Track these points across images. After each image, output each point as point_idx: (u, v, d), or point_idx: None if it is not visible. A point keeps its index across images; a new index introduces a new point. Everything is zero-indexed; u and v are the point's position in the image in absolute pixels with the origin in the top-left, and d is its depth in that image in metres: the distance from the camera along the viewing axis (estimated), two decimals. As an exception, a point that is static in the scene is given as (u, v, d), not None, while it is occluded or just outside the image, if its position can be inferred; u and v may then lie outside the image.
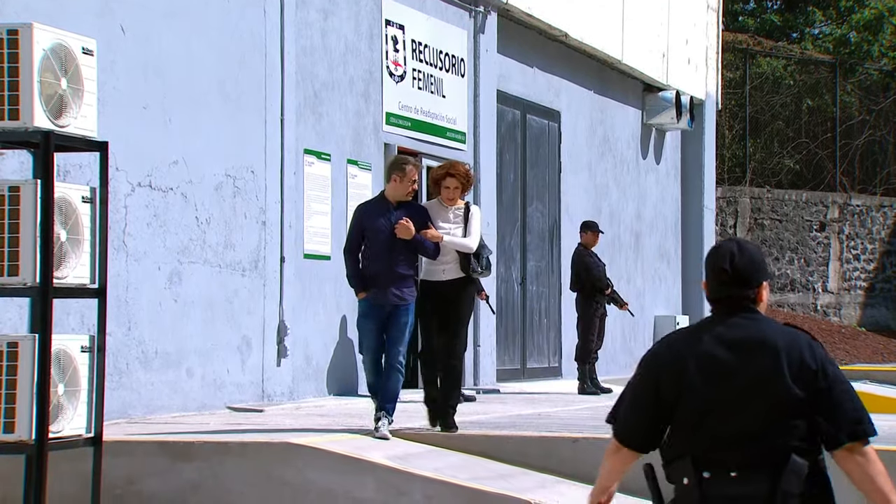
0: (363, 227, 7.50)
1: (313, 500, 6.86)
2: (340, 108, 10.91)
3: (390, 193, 7.56)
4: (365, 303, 7.50)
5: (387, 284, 7.41)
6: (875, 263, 22.82)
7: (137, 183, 8.72)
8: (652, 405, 3.23)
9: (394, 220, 7.43)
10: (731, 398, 3.14)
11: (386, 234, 7.41)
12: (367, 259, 7.50)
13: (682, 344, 3.27)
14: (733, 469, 3.12)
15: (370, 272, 7.47)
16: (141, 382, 8.66)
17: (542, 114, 14.28)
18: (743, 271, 3.26)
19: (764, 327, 3.23)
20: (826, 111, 23.51)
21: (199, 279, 9.22)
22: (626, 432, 3.31)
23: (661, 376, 3.23)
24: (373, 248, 7.46)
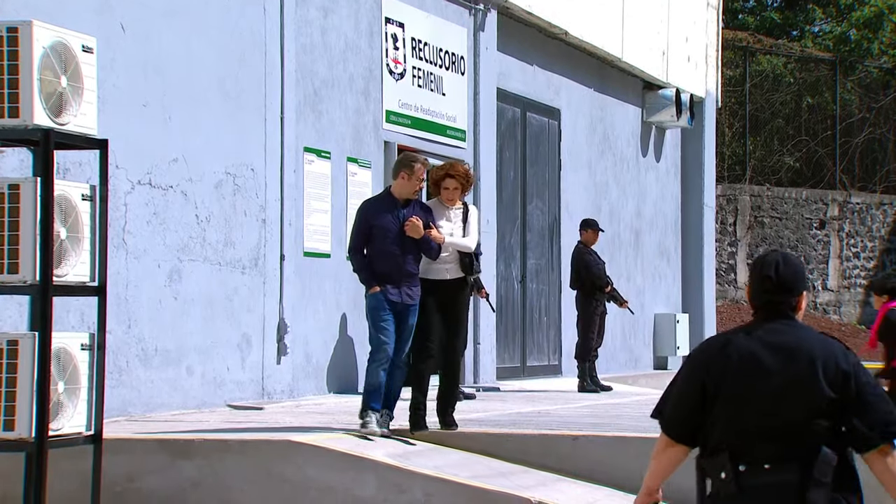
0: (370, 225, 7.38)
1: (313, 497, 6.87)
2: (340, 106, 10.90)
3: (397, 191, 7.46)
4: (379, 296, 7.34)
5: (398, 282, 7.32)
6: (875, 261, 22.82)
7: (137, 181, 8.72)
8: (698, 400, 3.47)
9: (402, 217, 7.34)
10: (769, 397, 3.39)
11: (395, 233, 7.31)
12: (373, 257, 7.38)
13: (726, 345, 3.52)
14: (767, 462, 3.36)
15: (379, 270, 7.35)
16: (141, 380, 8.66)
17: (542, 112, 14.28)
18: (786, 280, 3.50)
19: (801, 333, 3.50)
20: (826, 109, 23.51)
21: (199, 277, 9.22)
22: (676, 426, 3.54)
23: (705, 374, 3.48)
24: (380, 245, 7.35)
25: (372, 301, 7.37)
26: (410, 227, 7.31)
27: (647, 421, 7.90)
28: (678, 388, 3.55)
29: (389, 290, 7.31)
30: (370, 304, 7.39)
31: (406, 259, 7.34)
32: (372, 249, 7.38)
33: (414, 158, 7.55)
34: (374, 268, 7.36)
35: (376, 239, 7.35)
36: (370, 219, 7.38)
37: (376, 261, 7.36)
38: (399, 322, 7.35)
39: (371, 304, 7.39)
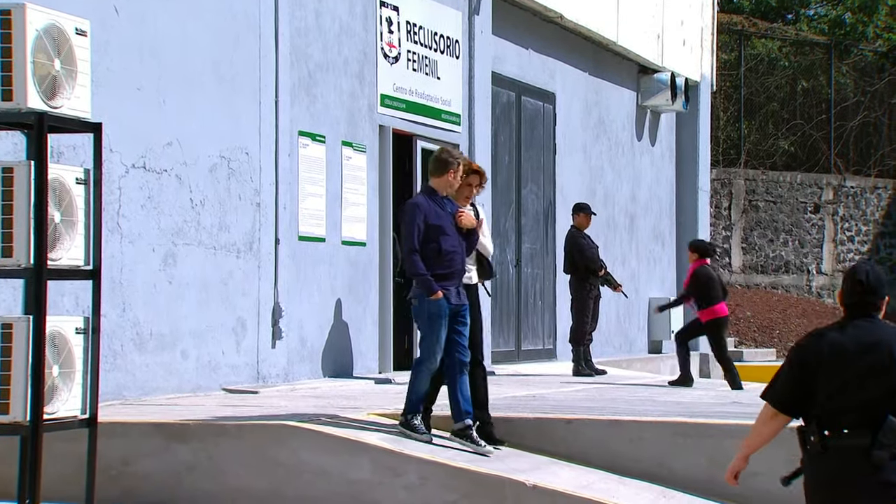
0: (427, 224, 6.95)
1: (308, 481, 6.88)
2: (335, 90, 10.88)
3: (441, 187, 7.08)
4: (442, 303, 6.92)
5: (457, 282, 7.00)
6: (869, 245, 22.86)
7: (132, 164, 8.70)
8: (798, 381, 4.49)
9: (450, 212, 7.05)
10: (853, 380, 4.39)
11: (453, 230, 6.98)
12: (432, 258, 6.95)
13: (822, 337, 4.51)
14: (846, 428, 4.39)
15: (440, 272, 6.94)
16: (136, 364, 8.66)
17: (536, 95, 14.26)
18: (873, 285, 4.48)
19: (882, 329, 4.47)
20: (821, 93, 23.51)
21: (194, 261, 9.22)
22: (781, 401, 4.55)
23: (805, 360, 4.49)
24: (440, 245, 6.93)
25: (434, 307, 6.92)
26: (465, 217, 7.00)
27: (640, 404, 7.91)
28: (784, 373, 4.55)
29: (451, 293, 6.97)
30: (431, 311, 6.92)
31: (464, 257, 7.04)
32: (429, 250, 6.94)
33: (458, 155, 7.17)
34: (435, 270, 6.93)
35: (434, 238, 6.94)
36: (428, 217, 6.97)
37: (437, 262, 6.94)
38: (459, 325, 6.97)
39: (433, 310, 6.92)
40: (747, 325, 20.13)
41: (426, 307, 6.93)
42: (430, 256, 6.93)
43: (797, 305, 21.34)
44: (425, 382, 7.03)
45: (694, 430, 7.19)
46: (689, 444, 7.17)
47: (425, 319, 6.97)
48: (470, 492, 6.66)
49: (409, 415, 7.05)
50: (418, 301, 6.99)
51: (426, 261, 6.93)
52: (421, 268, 6.93)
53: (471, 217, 7.06)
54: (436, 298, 6.89)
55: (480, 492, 6.64)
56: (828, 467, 4.44)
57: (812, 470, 4.50)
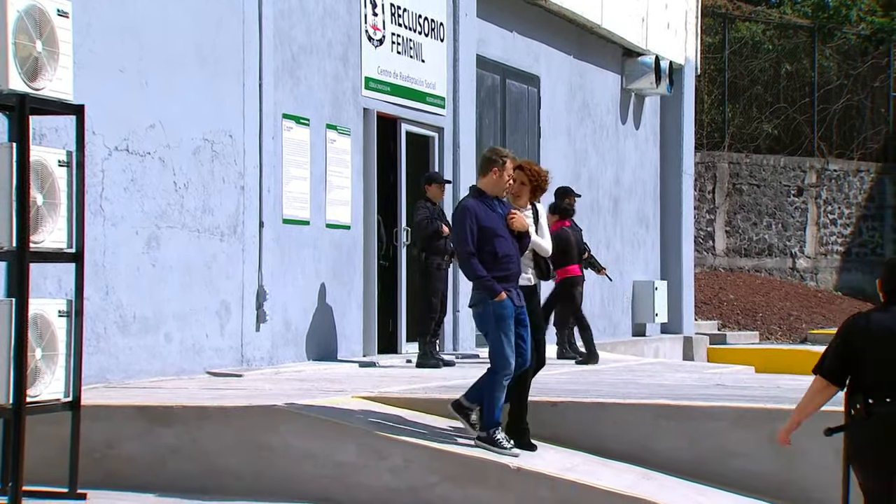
0: (480, 227, 6.78)
1: (293, 463, 6.88)
2: (319, 73, 10.84)
3: (489, 188, 6.93)
4: (507, 303, 6.76)
5: (515, 284, 6.85)
6: (851, 228, 22.95)
7: (114, 147, 8.66)
8: (845, 356, 5.20)
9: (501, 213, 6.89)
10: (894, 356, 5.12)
11: (506, 232, 6.83)
12: (489, 261, 6.78)
13: (868, 318, 5.24)
14: (889, 397, 5.11)
15: (500, 274, 6.77)
16: (119, 347, 8.64)
17: (521, 79, 14.24)
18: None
19: None
20: (804, 76, 23.55)
21: (178, 244, 9.19)
22: (831, 373, 5.27)
23: (852, 338, 5.21)
24: (495, 247, 6.78)
25: (499, 309, 6.73)
26: (517, 220, 6.85)
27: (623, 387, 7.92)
28: (832, 349, 5.27)
29: (514, 294, 6.81)
30: (497, 312, 6.73)
31: (518, 258, 6.88)
32: (485, 253, 6.78)
33: (505, 154, 6.98)
34: (493, 272, 6.76)
35: (491, 240, 6.78)
36: (481, 219, 6.79)
37: (493, 265, 6.77)
38: (520, 326, 6.82)
39: (499, 312, 6.73)
40: (731, 308, 20.20)
41: (491, 310, 6.73)
42: (486, 260, 6.76)
43: (780, 288, 21.43)
44: (503, 392, 6.77)
45: (677, 413, 7.23)
46: (671, 426, 7.20)
47: (492, 323, 6.74)
48: (454, 474, 6.68)
49: (490, 428, 6.76)
50: (482, 306, 6.79)
51: (483, 264, 6.76)
52: (481, 270, 6.74)
53: (522, 219, 6.88)
54: (500, 300, 6.71)
55: (465, 474, 6.66)
56: (872, 431, 5.15)
57: (857, 433, 5.21)
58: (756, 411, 7.23)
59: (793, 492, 6.98)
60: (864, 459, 5.25)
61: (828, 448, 6.97)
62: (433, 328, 10.72)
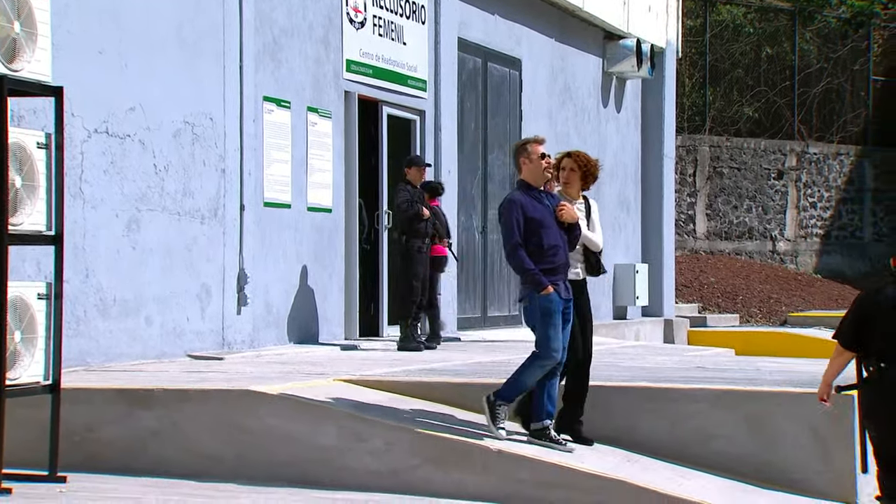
0: (526, 219, 6.68)
1: (274, 446, 6.88)
2: (300, 55, 10.80)
3: (530, 177, 6.82)
4: (554, 297, 6.67)
5: (564, 276, 6.73)
6: (831, 211, 23.05)
7: (94, 129, 8.61)
8: (859, 326, 5.94)
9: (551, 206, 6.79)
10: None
11: (552, 224, 6.73)
12: (536, 253, 6.69)
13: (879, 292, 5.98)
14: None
15: (547, 266, 6.68)
16: (99, 330, 8.61)
17: (503, 62, 14.22)
18: None
19: None
20: (785, 59, 23.60)
21: (158, 227, 9.16)
22: (846, 340, 6.00)
23: (865, 310, 5.96)
24: (543, 239, 6.69)
25: (546, 303, 6.64)
26: (566, 211, 6.74)
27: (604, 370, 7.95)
28: (848, 318, 6.01)
29: (562, 287, 6.71)
30: (544, 306, 6.64)
31: (566, 251, 6.79)
32: (532, 245, 6.69)
33: (524, 141, 6.91)
34: (541, 265, 6.67)
35: (537, 232, 6.68)
36: (526, 211, 6.70)
37: (540, 257, 6.67)
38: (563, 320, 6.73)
39: (546, 305, 6.64)
40: (711, 291, 20.28)
41: (538, 304, 6.65)
42: (533, 252, 6.67)
43: (760, 271, 21.51)
44: (533, 379, 6.69)
45: (658, 395, 7.25)
46: (652, 408, 7.23)
47: (539, 317, 6.66)
48: (435, 457, 6.69)
49: (498, 399, 6.73)
50: (529, 300, 6.70)
51: (530, 257, 6.68)
52: (528, 263, 6.66)
53: (571, 211, 6.76)
54: (547, 293, 6.62)
55: (446, 456, 6.67)
56: (884, 390, 5.87)
57: (870, 392, 5.94)
58: (736, 393, 7.27)
59: (772, 472, 7.03)
60: (876, 416, 5.95)
61: (805, 429, 7.02)
62: (414, 311, 10.72)
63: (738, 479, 6.97)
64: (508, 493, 6.50)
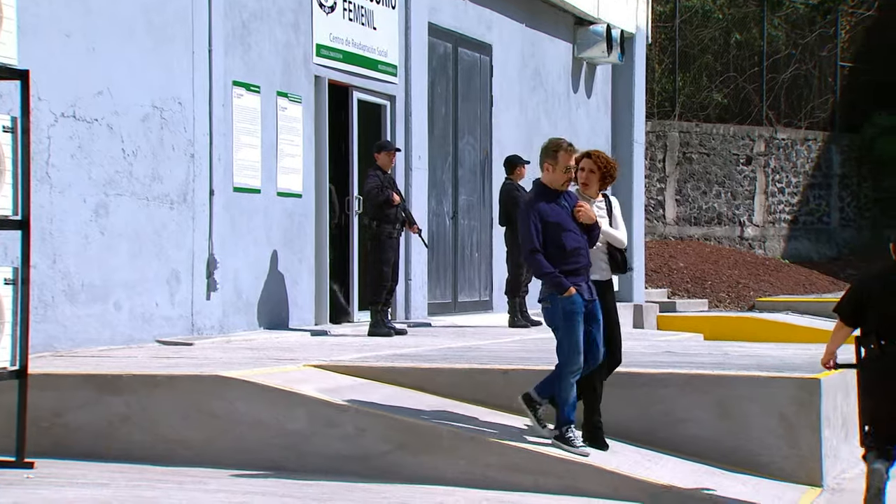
0: (545, 222, 6.61)
1: (243, 432, 6.87)
2: (269, 39, 10.75)
3: (549, 182, 6.73)
4: (576, 299, 6.58)
5: (586, 278, 6.67)
6: (799, 197, 23.21)
7: (61, 113, 8.54)
8: (857, 304, 6.26)
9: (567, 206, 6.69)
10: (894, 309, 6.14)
11: (573, 226, 6.65)
12: (556, 255, 6.62)
13: (875, 274, 6.36)
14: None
15: (568, 268, 6.60)
16: (67, 315, 8.56)
17: (473, 47, 14.21)
18: None
19: None
20: (753, 45, 23.70)
21: (126, 212, 9.10)
22: (845, 317, 6.31)
23: (862, 290, 6.28)
24: (563, 240, 6.61)
25: (568, 305, 6.56)
26: (583, 213, 6.67)
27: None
28: (847, 296, 6.33)
29: (584, 289, 6.63)
30: (566, 309, 6.56)
31: (587, 252, 6.70)
32: (552, 248, 6.61)
33: (557, 145, 6.75)
34: (561, 267, 6.59)
35: (557, 235, 6.61)
36: (544, 214, 6.63)
37: (564, 259, 6.61)
38: (592, 322, 6.64)
39: (567, 308, 6.56)
40: (680, 276, 20.38)
41: (560, 306, 6.57)
42: (554, 255, 6.60)
43: (729, 256, 21.64)
44: (573, 388, 6.61)
45: (627, 380, 7.29)
46: (622, 393, 7.26)
47: (561, 320, 6.59)
48: (406, 441, 6.70)
49: (563, 426, 6.60)
50: (550, 302, 6.62)
51: (551, 260, 6.60)
52: (547, 266, 6.59)
53: (589, 212, 6.69)
54: (569, 295, 6.54)
55: (417, 442, 6.69)
56: (883, 366, 6.16)
57: (870, 368, 6.22)
58: (704, 377, 7.31)
59: (739, 456, 7.08)
60: (873, 391, 6.23)
61: (773, 413, 7.08)
62: (385, 297, 10.72)
63: (705, 463, 7.02)
64: (478, 478, 6.52)
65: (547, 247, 6.62)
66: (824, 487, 7.02)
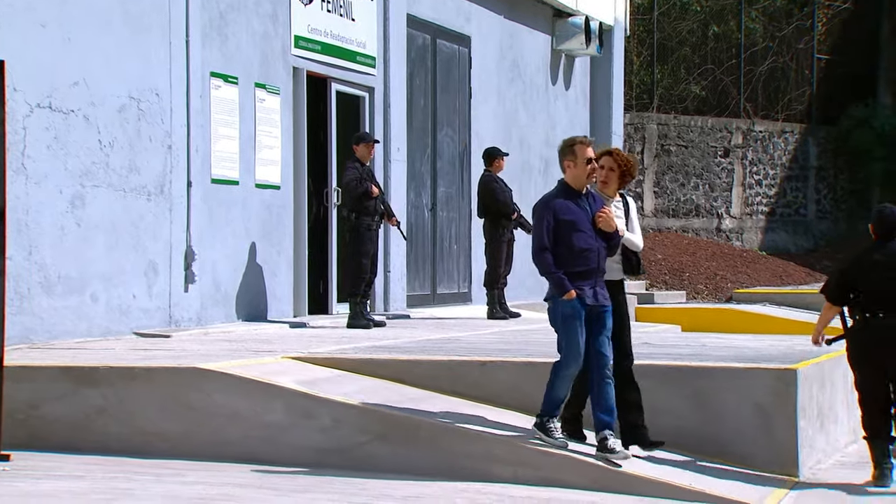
0: (557, 221, 6.51)
1: (221, 424, 6.86)
2: (247, 31, 10.71)
3: (571, 181, 6.62)
4: (575, 303, 6.49)
5: (593, 282, 6.56)
6: (776, 189, 23.31)
7: (37, 104, 8.49)
8: (843, 285, 7.04)
9: (588, 208, 6.58)
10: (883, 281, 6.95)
11: (587, 226, 6.54)
12: (564, 256, 6.54)
13: (861, 255, 7.10)
14: (881, 312, 6.95)
15: (573, 270, 6.51)
16: (43, 307, 8.52)
17: (452, 39, 14.20)
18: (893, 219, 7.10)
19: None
20: (731, 37, 23.76)
21: (103, 203, 9.06)
22: (833, 297, 7.10)
23: (850, 270, 7.06)
24: (573, 242, 6.52)
25: (567, 308, 6.49)
26: (604, 220, 6.54)
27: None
28: (834, 277, 7.12)
29: (586, 293, 6.52)
30: (565, 312, 6.51)
31: (601, 255, 6.58)
32: (564, 248, 6.53)
33: (571, 140, 6.68)
34: (567, 268, 6.51)
35: (566, 235, 6.52)
36: (557, 213, 6.53)
37: (569, 260, 6.52)
38: (597, 327, 6.54)
39: (566, 311, 6.50)
40: (658, 268, 20.45)
41: (559, 308, 6.53)
42: (563, 255, 6.52)
43: (707, 248, 21.72)
44: (565, 388, 6.57)
45: (605, 371, 7.29)
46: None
47: (560, 321, 6.55)
48: (384, 433, 6.70)
49: (544, 417, 6.57)
50: (552, 302, 6.58)
51: (558, 259, 6.52)
52: (551, 266, 6.51)
53: (610, 220, 6.55)
54: (568, 298, 6.46)
55: (395, 433, 6.69)
56: (867, 337, 6.96)
57: (856, 339, 7.03)
58: (682, 369, 7.35)
59: (716, 446, 7.12)
60: (860, 360, 7.02)
61: (749, 404, 7.12)
62: (364, 289, 10.71)
63: (682, 454, 7.05)
64: (455, 469, 6.53)
65: (557, 246, 6.54)
66: (800, 477, 7.07)
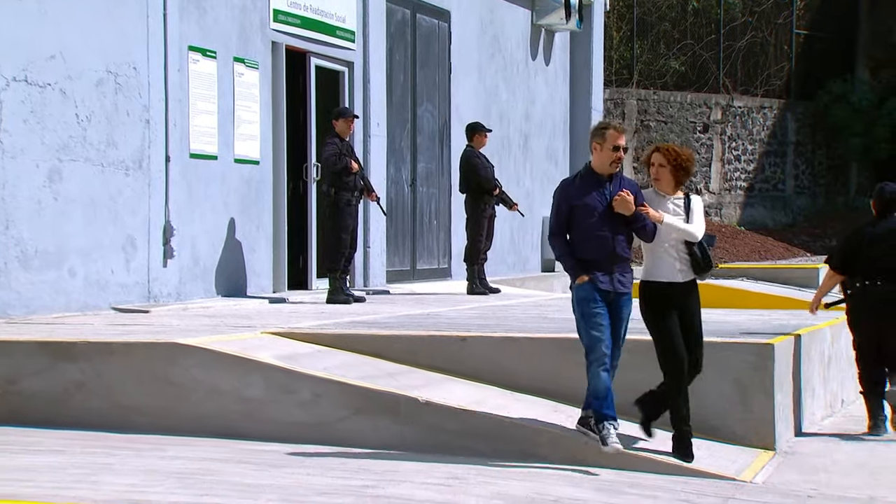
0: (571, 205, 6.42)
1: (200, 399, 6.85)
2: (226, 4, 10.63)
3: (597, 165, 6.49)
4: (588, 286, 6.41)
5: (608, 269, 6.43)
6: (755, 164, 23.37)
7: (13, 77, 8.41)
8: (847, 255, 7.94)
9: (609, 194, 6.44)
10: (881, 251, 7.84)
11: (602, 211, 6.41)
12: (579, 241, 6.46)
13: (863, 227, 7.98)
14: (879, 280, 7.84)
15: (586, 256, 6.42)
16: (20, 282, 8.47)
17: (431, 13, 14.14)
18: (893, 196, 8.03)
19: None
20: (710, 13, 23.76)
21: (81, 178, 9.01)
22: (836, 266, 7.99)
23: (851, 242, 7.96)
24: (586, 227, 6.43)
25: (580, 292, 6.42)
26: (619, 201, 6.39)
27: (533, 322, 8.04)
28: (838, 249, 8.10)
29: (599, 279, 6.42)
30: (578, 296, 6.44)
31: (617, 241, 6.45)
32: (577, 233, 6.46)
33: (606, 124, 6.54)
34: (580, 254, 6.44)
35: (581, 220, 6.43)
36: (571, 198, 6.44)
37: (582, 245, 6.44)
38: (611, 314, 6.45)
39: (580, 295, 6.42)
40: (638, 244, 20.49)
41: (575, 293, 6.46)
42: (574, 240, 6.46)
43: (686, 224, 21.76)
44: (603, 378, 6.39)
45: (584, 345, 7.31)
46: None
47: (576, 306, 6.48)
48: (364, 407, 6.71)
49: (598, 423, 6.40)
50: (572, 287, 6.51)
51: (576, 243, 6.44)
52: (562, 250, 6.46)
53: (626, 202, 6.39)
54: (580, 282, 6.39)
55: (374, 408, 6.70)
56: (866, 302, 7.85)
57: (856, 303, 7.91)
58: (660, 343, 7.34)
59: (694, 420, 7.13)
60: (858, 322, 7.92)
61: (727, 378, 7.16)
62: (343, 264, 10.70)
63: (661, 428, 7.08)
64: (436, 444, 6.55)
65: (571, 231, 6.48)
66: (777, 451, 7.12)
